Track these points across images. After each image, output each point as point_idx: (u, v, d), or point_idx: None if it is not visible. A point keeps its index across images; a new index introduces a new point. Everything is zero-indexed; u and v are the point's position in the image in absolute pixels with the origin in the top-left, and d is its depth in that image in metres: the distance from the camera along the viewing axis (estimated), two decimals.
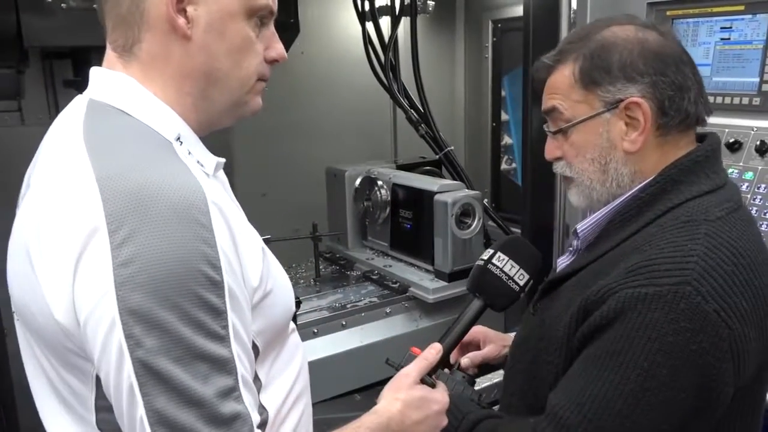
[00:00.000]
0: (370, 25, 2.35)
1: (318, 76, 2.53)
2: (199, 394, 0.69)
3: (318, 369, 1.78)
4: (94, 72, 0.87)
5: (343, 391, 1.84)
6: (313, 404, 1.80)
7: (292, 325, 1.00)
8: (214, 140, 0.89)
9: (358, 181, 2.28)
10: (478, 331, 1.34)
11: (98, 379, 0.74)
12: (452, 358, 1.25)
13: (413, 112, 2.32)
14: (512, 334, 1.36)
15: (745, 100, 1.50)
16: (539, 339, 1.09)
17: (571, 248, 1.19)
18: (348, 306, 1.90)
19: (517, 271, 1.17)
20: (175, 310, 0.69)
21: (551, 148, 1.13)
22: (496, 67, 2.67)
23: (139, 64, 0.84)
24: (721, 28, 1.54)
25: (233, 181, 1.96)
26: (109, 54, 0.86)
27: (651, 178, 1.05)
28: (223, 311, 0.72)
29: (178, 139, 0.82)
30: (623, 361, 0.91)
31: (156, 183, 0.72)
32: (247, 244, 0.81)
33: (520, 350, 1.19)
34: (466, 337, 1.26)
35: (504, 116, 2.69)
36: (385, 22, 2.42)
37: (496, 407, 1.27)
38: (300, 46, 2.31)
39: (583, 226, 1.12)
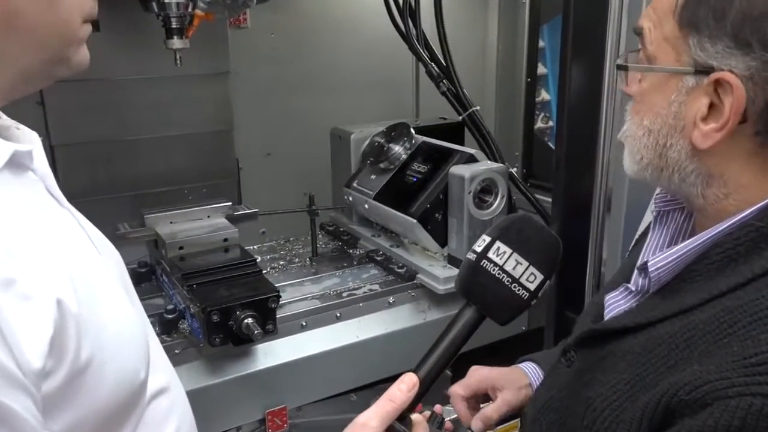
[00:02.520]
0: None
1: (331, 21, 2.20)
2: None
3: (308, 367, 1.54)
4: None
5: (337, 392, 1.61)
6: (304, 405, 1.61)
7: (159, 384, 0.73)
8: (209, 94, 0.62)
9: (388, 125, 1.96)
10: (481, 378, 1.02)
11: None
12: (462, 418, 0.97)
13: (434, 65, 2.00)
14: (528, 367, 1.06)
15: None
16: (584, 425, 0.75)
17: (630, 286, 0.83)
18: (344, 294, 1.64)
19: (526, 270, 0.79)
20: None
21: (632, 80, 0.78)
22: (535, 13, 2.33)
23: None
24: None
25: (236, 140, 1.70)
26: None
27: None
28: None
29: None
30: None
31: None
32: (24, 300, 0.52)
33: (547, 418, 0.86)
34: (467, 392, 0.97)
35: (542, 69, 2.37)
36: None
37: None
38: None
39: (659, 261, 0.75)
